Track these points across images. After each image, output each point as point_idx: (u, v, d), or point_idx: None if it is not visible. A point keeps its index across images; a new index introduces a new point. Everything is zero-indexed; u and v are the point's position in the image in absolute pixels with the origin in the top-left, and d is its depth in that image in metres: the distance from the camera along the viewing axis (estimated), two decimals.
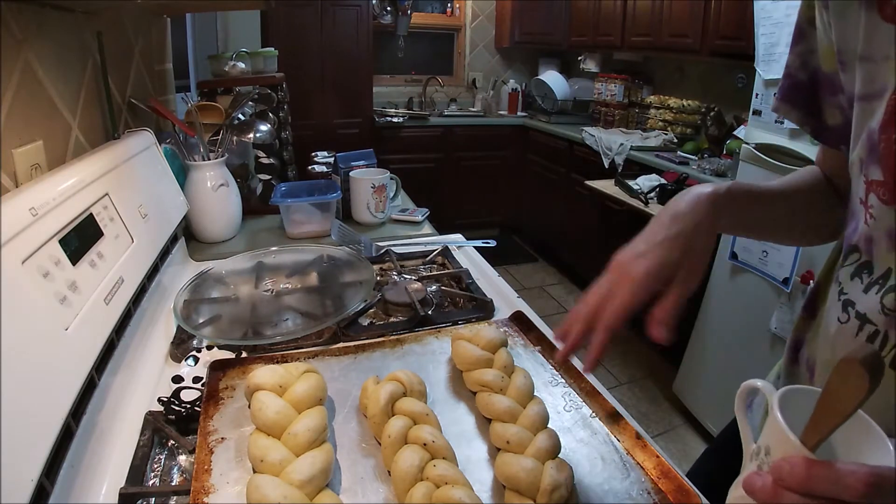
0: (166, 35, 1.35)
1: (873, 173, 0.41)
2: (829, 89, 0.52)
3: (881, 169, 0.40)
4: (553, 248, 3.49)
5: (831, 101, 0.52)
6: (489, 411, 0.58)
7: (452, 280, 0.98)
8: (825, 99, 0.53)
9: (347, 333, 0.77)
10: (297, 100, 1.83)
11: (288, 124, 1.44)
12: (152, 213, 0.87)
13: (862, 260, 0.44)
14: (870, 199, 0.42)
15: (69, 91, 0.80)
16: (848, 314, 0.45)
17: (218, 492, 0.49)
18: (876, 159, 0.41)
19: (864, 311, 0.43)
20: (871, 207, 0.42)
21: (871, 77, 0.42)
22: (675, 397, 2.15)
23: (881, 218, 0.41)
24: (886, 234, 0.41)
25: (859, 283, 0.44)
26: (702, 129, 2.66)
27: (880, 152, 0.40)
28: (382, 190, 1.27)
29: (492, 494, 0.50)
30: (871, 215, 0.42)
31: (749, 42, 1.79)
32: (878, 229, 0.42)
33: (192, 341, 0.76)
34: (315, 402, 0.56)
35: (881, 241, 0.42)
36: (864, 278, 0.43)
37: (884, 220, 0.41)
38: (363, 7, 3.08)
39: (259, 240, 1.20)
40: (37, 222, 0.55)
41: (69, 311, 0.56)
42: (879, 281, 0.42)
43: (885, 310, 0.41)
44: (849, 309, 0.45)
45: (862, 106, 0.43)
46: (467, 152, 3.59)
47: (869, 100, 0.42)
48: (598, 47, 3.32)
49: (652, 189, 2.16)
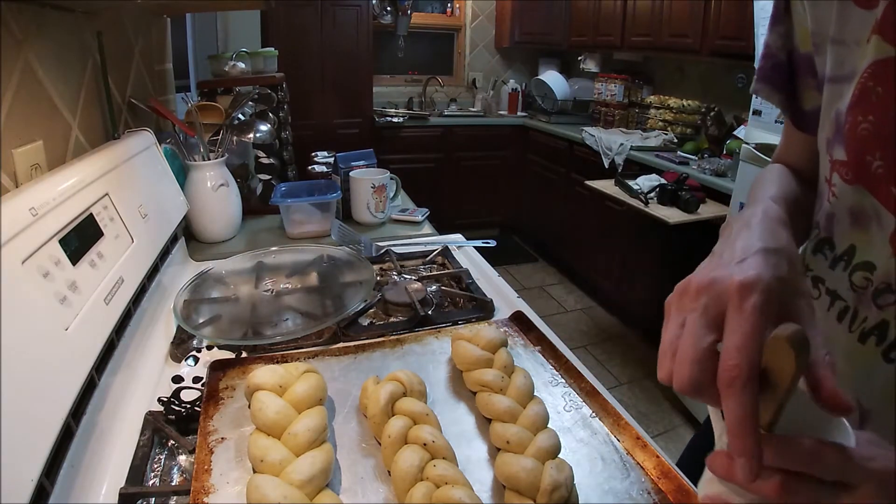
0: (166, 35, 1.35)
1: (837, 153, 0.43)
2: (808, 70, 0.52)
3: (844, 149, 0.42)
4: (553, 248, 3.49)
5: (810, 84, 0.52)
6: (489, 411, 0.58)
7: (452, 280, 0.98)
8: (804, 80, 0.53)
9: (347, 333, 0.77)
10: (297, 100, 1.83)
11: (288, 124, 1.44)
12: (152, 213, 0.87)
13: (821, 236, 0.46)
14: (833, 178, 0.43)
15: (69, 91, 0.80)
16: (819, 290, 0.46)
17: (218, 492, 0.49)
18: (840, 140, 0.42)
19: (835, 287, 0.44)
20: (833, 186, 0.43)
21: (841, 60, 0.43)
22: (675, 397, 2.15)
23: (843, 196, 0.42)
24: (849, 212, 0.42)
25: (823, 260, 0.45)
26: (702, 129, 2.66)
27: (845, 133, 0.41)
28: (382, 190, 1.27)
29: (492, 494, 0.50)
30: (834, 194, 0.43)
31: (749, 42, 1.80)
32: (841, 208, 0.43)
33: (192, 341, 0.76)
34: (315, 402, 0.56)
35: (843, 219, 0.43)
36: (827, 254, 0.45)
37: (846, 199, 0.42)
38: (363, 7, 3.08)
39: (259, 240, 1.20)
40: (37, 222, 0.55)
41: (69, 311, 0.56)
42: (844, 258, 0.43)
43: (854, 286, 0.42)
44: (819, 285, 0.46)
45: (831, 88, 0.44)
46: (467, 152, 3.59)
47: (839, 82, 0.43)
48: (598, 47, 3.32)
49: (652, 189, 2.16)
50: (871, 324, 0.41)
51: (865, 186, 0.40)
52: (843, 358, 0.44)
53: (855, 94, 0.40)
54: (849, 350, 0.43)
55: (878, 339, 0.41)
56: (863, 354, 0.42)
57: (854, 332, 0.42)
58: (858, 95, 0.40)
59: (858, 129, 0.40)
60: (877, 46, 0.39)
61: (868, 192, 0.40)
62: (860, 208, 0.41)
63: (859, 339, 0.42)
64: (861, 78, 0.40)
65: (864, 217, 0.41)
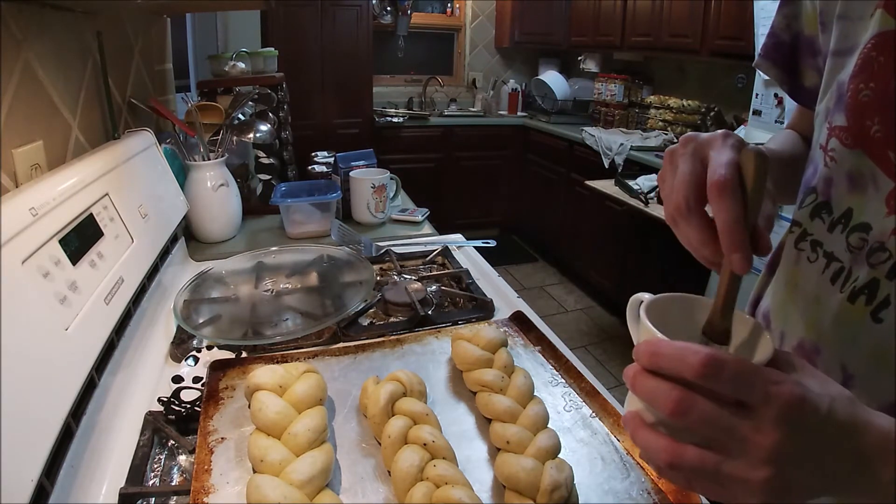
0: (166, 35, 1.35)
1: (837, 120, 0.45)
2: (809, 51, 0.55)
3: (845, 115, 0.44)
4: (553, 248, 3.49)
5: (810, 63, 0.56)
6: (489, 411, 0.58)
7: (452, 280, 0.98)
8: (804, 61, 0.57)
9: (347, 333, 0.77)
10: (297, 100, 1.83)
11: (288, 124, 1.44)
12: (152, 213, 0.87)
13: (818, 200, 0.47)
14: (830, 143, 0.45)
15: (69, 91, 0.80)
16: (817, 253, 0.47)
17: (218, 492, 0.49)
18: (842, 107, 0.44)
19: (832, 250, 0.45)
20: (831, 151, 0.45)
21: (846, 34, 0.45)
22: None
23: (842, 161, 0.44)
24: (847, 176, 0.44)
25: (821, 223, 0.47)
26: (702, 129, 2.66)
27: (847, 100, 0.43)
28: (382, 190, 1.27)
29: (492, 494, 0.50)
30: (832, 158, 0.45)
31: (749, 42, 1.80)
32: (839, 172, 0.45)
33: (192, 341, 0.76)
34: (315, 402, 0.56)
35: (840, 183, 0.45)
36: (825, 218, 0.46)
37: (844, 163, 0.44)
38: (363, 7, 3.08)
39: (259, 240, 1.20)
40: (37, 222, 0.55)
41: (69, 311, 0.56)
42: (842, 220, 0.45)
43: (851, 247, 0.44)
44: (817, 248, 0.47)
45: (834, 61, 0.47)
46: (467, 152, 3.59)
47: (842, 55, 0.46)
48: (598, 47, 3.32)
49: (652, 189, 2.16)
50: (861, 283, 0.42)
51: (864, 150, 0.42)
52: (831, 321, 0.45)
53: (857, 65, 0.43)
54: (838, 312, 0.44)
55: (868, 298, 0.42)
56: (852, 314, 0.43)
57: (845, 291, 0.44)
58: (861, 65, 0.42)
59: (859, 97, 0.42)
60: (881, 19, 0.41)
61: (866, 156, 0.42)
62: (858, 172, 0.43)
63: (849, 298, 0.43)
64: (864, 49, 0.42)
65: (862, 180, 0.43)
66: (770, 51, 0.60)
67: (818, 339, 0.47)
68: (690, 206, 0.35)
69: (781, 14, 0.58)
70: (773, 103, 1.70)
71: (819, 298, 0.47)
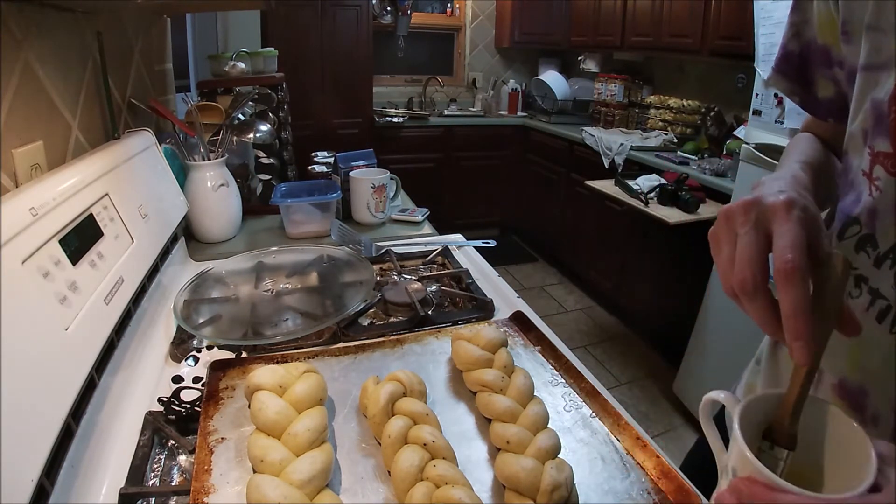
0: (166, 35, 1.35)
1: (880, 145, 0.41)
2: (822, 62, 0.52)
3: (890, 141, 0.40)
4: (553, 248, 3.49)
5: (825, 74, 0.52)
6: (489, 411, 0.58)
7: (452, 280, 0.98)
8: (817, 71, 0.53)
9: (347, 333, 0.77)
10: (297, 100, 1.83)
11: (288, 124, 1.44)
12: (152, 213, 0.87)
13: (863, 233, 0.44)
14: (875, 171, 0.41)
15: (69, 91, 0.80)
16: (860, 289, 0.44)
17: (218, 492, 0.49)
18: (884, 131, 0.40)
19: (877, 286, 0.42)
20: (876, 180, 0.41)
21: (878, 47, 0.41)
22: (675, 397, 2.15)
23: (888, 191, 0.40)
24: (894, 208, 0.40)
25: (866, 258, 0.43)
26: (702, 129, 2.66)
27: (889, 124, 0.40)
28: (382, 190, 1.27)
29: (492, 494, 0.50)
30: (878, 188, 0.41)
31: (749, 42, 1.79)
32: (885, 203, 0.41)
33: (192, 341, 0.76)
34: (315, 402, 0.56)
35: (888, 215, 0.41)
36: (871, 253, 0.43)
37: (891, 193, 0.40)
38: (363, 7, 3.08)
39: (259, 240, 1.20)
40: (37, 222, 0.55)
41: (69, 311, 0.56)
42: (891, 255, 0.41)
43: None
44: (861, 284, 0.44)
45: (865, 76, 0.43)
46: (467, 152, 3.59)
47: (874, 70, 0.42)
48: (598, 47, 3.32)
49: (652, 189, 2.16)
50: None
51: None
52: (881, 360, 0.42)
53: None
54: (887, 352, 0.41)
55: None
56: None
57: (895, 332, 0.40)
58: None
59: None
60: None
61: None
62: None
63: None
64: None
65: None
66: (780, 63, 0.57)
67: (864, 380, 0.44)
68: (757, 285, 0.34)
69: (790, 22, 0.54)
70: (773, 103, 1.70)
71: (866, 338, 0.42)
